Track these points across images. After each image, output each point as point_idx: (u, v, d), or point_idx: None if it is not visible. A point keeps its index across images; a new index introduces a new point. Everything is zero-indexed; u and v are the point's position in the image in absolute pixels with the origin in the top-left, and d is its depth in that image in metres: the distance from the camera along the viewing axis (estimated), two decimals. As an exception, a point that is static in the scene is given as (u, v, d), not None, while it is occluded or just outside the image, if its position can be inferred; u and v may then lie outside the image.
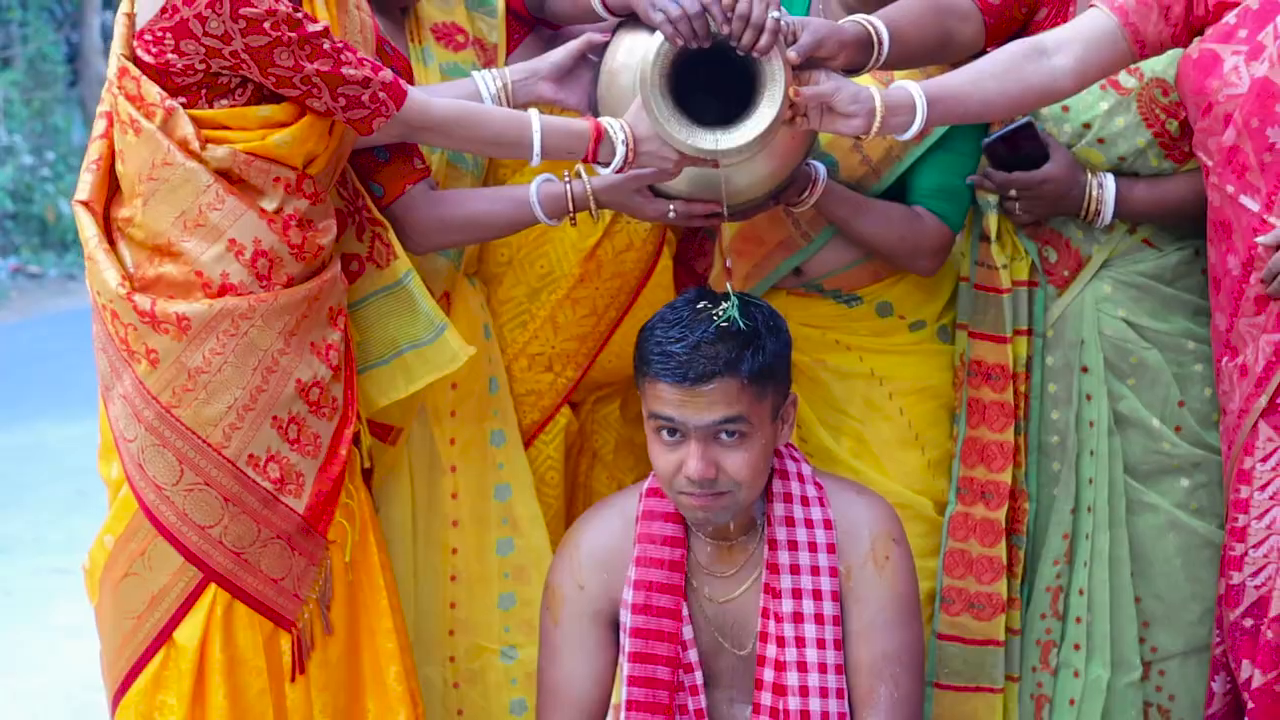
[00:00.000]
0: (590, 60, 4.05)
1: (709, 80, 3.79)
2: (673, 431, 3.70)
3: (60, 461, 9.77)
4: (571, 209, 3.98)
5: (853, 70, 3.85)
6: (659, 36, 3.71)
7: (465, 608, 4.28)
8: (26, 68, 19.32)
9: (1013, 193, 4.19)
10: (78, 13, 20.03)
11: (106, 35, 20.40)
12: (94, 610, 3.81)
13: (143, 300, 3.55)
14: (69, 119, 19.81)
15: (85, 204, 3.66)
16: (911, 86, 3.78)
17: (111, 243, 3.65)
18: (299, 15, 3.47)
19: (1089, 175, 4.18)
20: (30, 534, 8.48)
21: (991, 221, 4.25)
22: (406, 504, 4.23)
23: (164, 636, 3.65)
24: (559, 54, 4.06)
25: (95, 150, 3.70)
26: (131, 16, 3.59)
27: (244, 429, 3.60)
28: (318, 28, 3.49)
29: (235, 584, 3.64)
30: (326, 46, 3.50)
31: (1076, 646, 4.28)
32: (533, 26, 4.31)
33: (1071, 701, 4.29)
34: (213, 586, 3.64)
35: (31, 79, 19.36)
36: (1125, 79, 4.14)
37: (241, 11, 3.40)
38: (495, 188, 4.20)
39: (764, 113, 3.71)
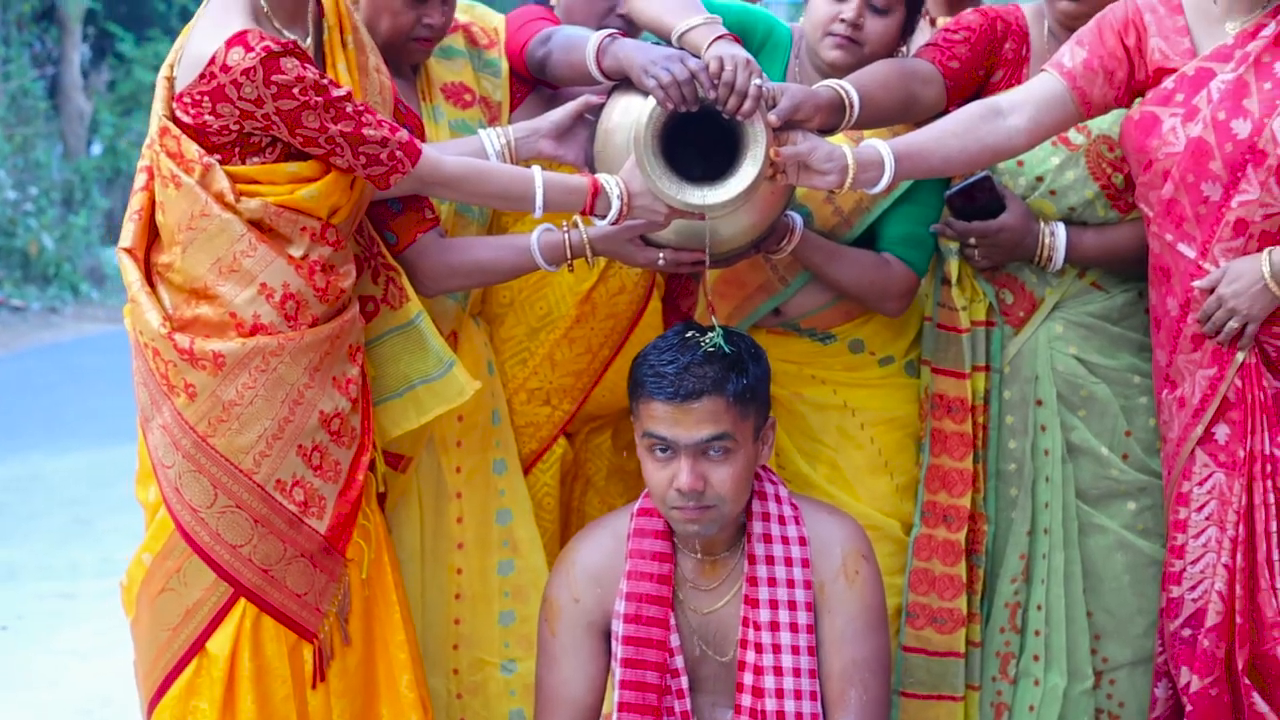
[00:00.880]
0: (587, 120, 4.18)
1: (696, 138, 3.96)
2: (665, 449, 3.89)
3: (57, 492, 9.82)
4: (569, 256, 4.10)
5: (827, 131, 4.03)
6: (652, 100, 3.90)
7: (468, 624, 4.40)
8: (8, 103, 19.25)
9: (972, 240, 4.36)
10: (58, 49, 20.04)
11: (85, 71, 20.40)
12: (130, 623, 3.96)
13: (182, 339, 3.73)
14: (49, 154, 19.76)
15: (129, 251, 3.86)
16: (880, 145, 3.97)
17: (151, 286, 3.84)
18: (325, 81, 3.66)
19: (1042, 224, 4.35)
20: (34, 562, 8.53)
21: (953, 266, 4.40)
22: (416, 527, 4.35)
23: (197, 647, 3.82)
24: (558, 114, 4.18)
25: (136, 201, 3.89)
26: (171, 80, 3.79)
27: (272, 456, 3.78)
28: (341, 92, 3.69)
29: (263, 598, 3.81)
30: (349, 109, 3.69)
31: (1036, 657, 4.44)
32: (534, 86, 4.43)
33: (1031, 708, 4.45)
34: (242, 601, 3.81)
35: (13, 114, 19.29)
36: (1074, 136, 4.31)
37: (273, 78, 3.60)
38: (499, 236, 4.33)
39: (747, 171, 3.89)
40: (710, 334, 3.96)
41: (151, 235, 3.90)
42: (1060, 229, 4.35)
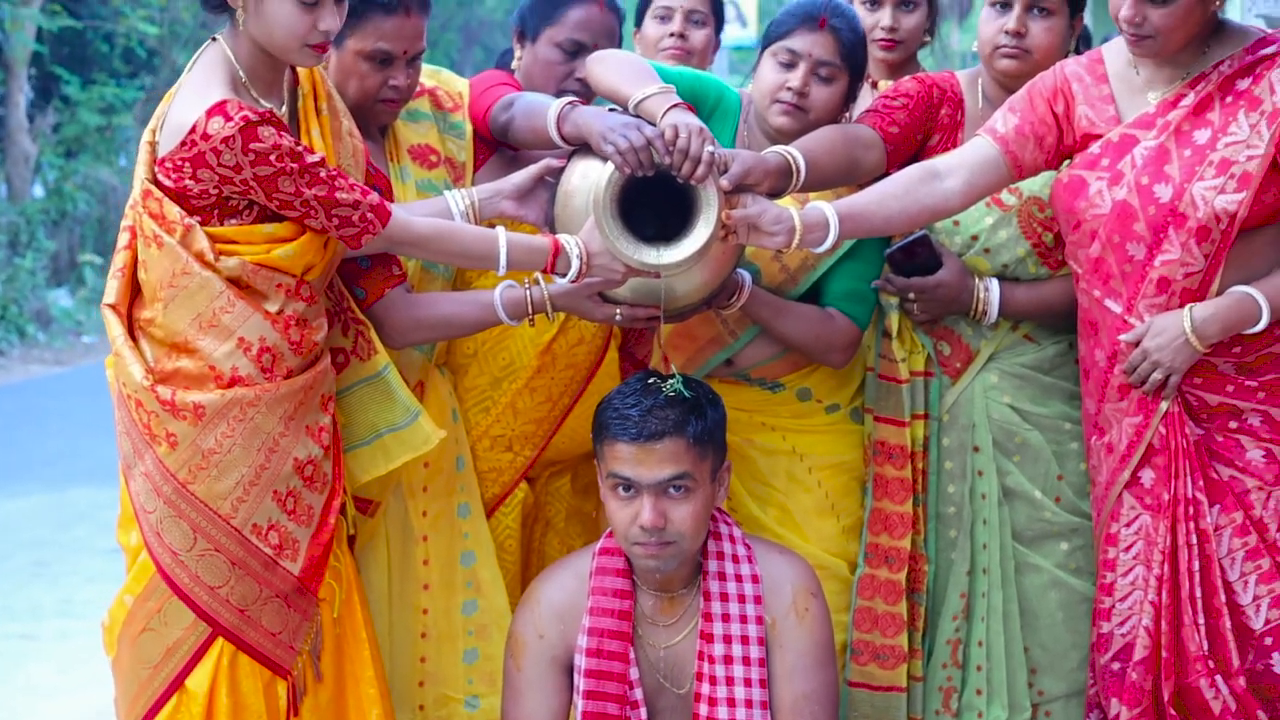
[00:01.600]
0: (547, 182, 4.28)
1: (651, 200, 4.07)
2: (628, 488, 4.04)
3: (15, 534, 9.74)
4: (531, 312, 4.19)
5: (775, 194, 4.14)
6: (610, 166, 4.00)
7: (434, 662, 4.48)
8: (-47, 145, 19.32)
9: (911, 295, 4.47)
10: (3, 91, 19.95)
11: (30, 114, 20.28)
12: (111, 661, 4.03)
13: (164, 391, 3.83)
14: (-7, 197, 19.76)
15: (113, 307, 3.94)
16: (825, 207, 4.09)
17: (134, 340, 3.92)
18: (299, 148, 3.78)
19: (977, 280, 4.46)
20: (-5, 603, 8.50)
21: (893, 320, 4.51)
22: (384, 569, 4.43)
23: (177, 684, 3.91)
24: (520, 176, 4.28)
25: (120, 260, 3.97)
26: (154, 144, 3.90)
27: (249, 501, 3.88)
28: (315, 158, 3.80)
29: (240, 637, 3.91)
30: (323, 174, 3.80)
31: (979, 692, 4.56)
32: (496, 148, 4.53)
33: (974, 740, 4.56)
34: (220, 640, 3.90)
35: (-42, 157, 19.34)
36: (1007, 197, 4.44)
37: (251, 146, 3.71)
38: (464, 292, 4.41)
39: (700, 232, 4.01)
40: (671, 380, 4.09)
41: (134, 291, 3.98)
42: (994, 284, 4.46)
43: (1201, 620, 4.15)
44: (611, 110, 4.23)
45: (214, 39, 3.95)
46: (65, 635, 7.75)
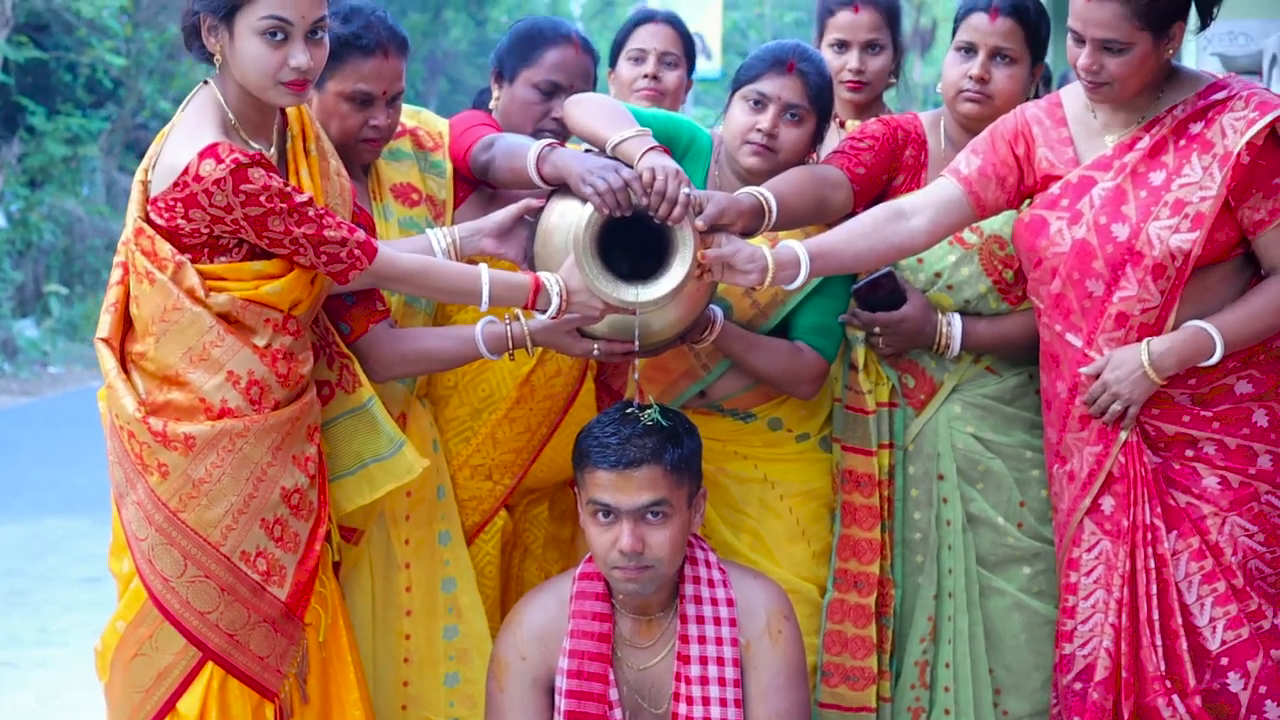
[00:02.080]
0: (526, 220, 4.34)
1: (627, 238, 4.14)
2: (608, 513, 4.14)
3: None
4: (511, 347, 4.26)
5: (748, 233, 4.22)
6: (589, 206, 4.07)
7: (416, 686, 4.54)
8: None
9: (877, 329, 4.58)
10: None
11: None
12: (104, 686, 4.09)
13: (156, 422, 3.89)
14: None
15: (105, 341, 4.01)
16: (796, 246, 4.17)
17: (126, 372, 3.99)
18: (288, 189, 3.84)
19: (940, 315, 4.57)
20: (-30, 633, 8.49)
21: (859, 353, 4.61)
22: (367, 596, 4.48)
23: (168, 707, 3.98)
24: (500, 215, 4.35)
25: (112, 295, 4.04)
26: (145, 184, 3.96)
27: (238, 529, 3.94)
28: (303, 198, 3.87)
29: (229, 661, 3.97)
30: (311, 213, 3.87)
31: (947, 711, 4.66)
32: (475, 186, 4.61)
33: (942, 759, 4.64)
34: (210, 664, 3.96)
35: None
36: (968, 236, 4.54)
37: (241, 187, 3.78)
38: (446, 327, 4.47)
39: (676, 271, 4.09)
40: (648, 410, 4.19)
41: (125, 326, 4.04)
42: (956, 319, 4.57)
43: (1159, 642, 4.23)
44: (588, 151, 4.30)
45: (205, 82, 4.03)
46: (44, 664, 7.77)
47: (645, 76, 5.48)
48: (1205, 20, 4.20)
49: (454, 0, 30.80)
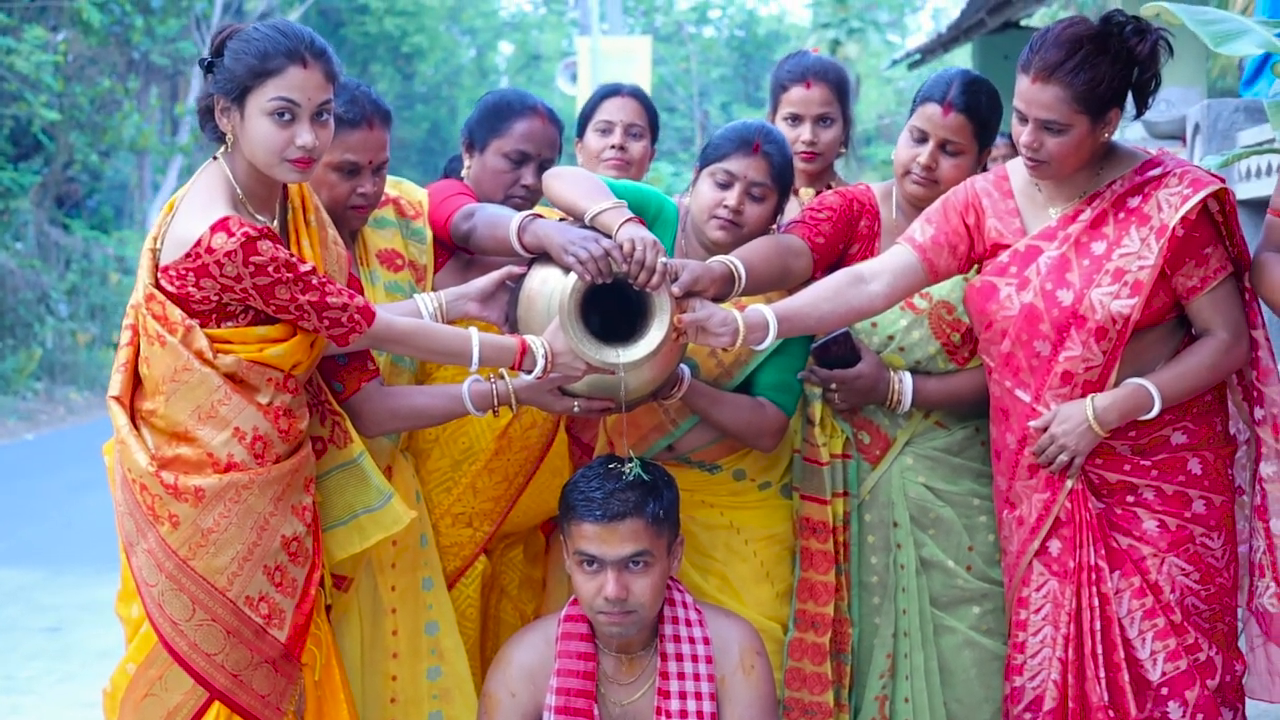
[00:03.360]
0: (508, 286, 4.50)
1: (602, 302, 4.31)
2: (592, 563, 4.33)
3: None
4: (496, 404, 4.41)
5: (718, 299, 4.39)
6: (572, 275, 4.22)
7: None
8: None
9: (833, 386, 4.74)
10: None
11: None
12: None
13: (168, 475, 4.04)
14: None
15: (117, 399, 4.15)
16: (765, 310, 4.34)
17: (135, 427, 4.13)
18: (293, 259, 4.00)
19: (891, 373, 4.74)
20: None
21: (816, 408, 4.78)
22: (356, 639, 4.60)
23: None
24: (484, 281, 4.51)
25: (122, 356, 4.18)
26: (155, 252, 4.11)
27: (243, 575, 4.08)
28: (307, 268, 4.03)
29: (234, 700, 4.11)
30: (315, 282, 4.03)
31: None
32: (453, 252, 4.77)
33: (902, 790, 4.79)
34: (216, 703, 4.11)
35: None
36: (919, 302, 4.72)
37: (251, 259, 3.94)
38: (434, 386, 4.60)
39: (654, 335, 4.27)
40: (631, 465, 4.38)
41: (134, 385, 4.18)
42: (907, 377, 4.75)
43: (1103, 674, 4.42)
44: (562, 220, 4.46)
45: (214, 158, 4.19)
46: (16, 710, 7.82)
47: (612, 147, 5.67)
48: (1140, 108, 4.39)
49: (381, 54, 30.90)
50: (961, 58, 24.57)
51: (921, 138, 4.74)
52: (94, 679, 8.25)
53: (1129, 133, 9.37)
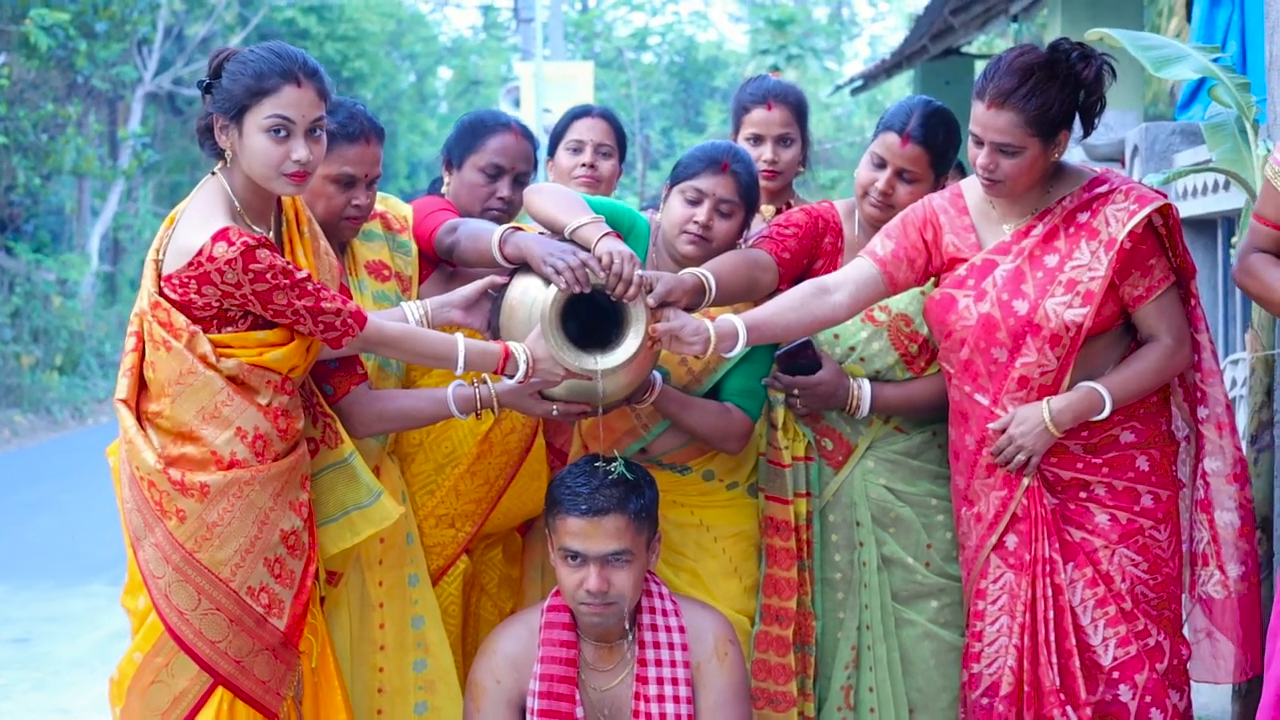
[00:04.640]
0: (490, 294, 4.63)
1: (578, 310, 4.47)
2: (575, 557, 4.48)
3: None
4: (479, 407, 4.55)
5: (690, 309, 4.55)
6: (553, 285, 4.37)
7: (389, 714, 4.80)
8: None
9: (795, 391, 4.89)
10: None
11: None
12: (119, 712, 4.34)
13: (175, 473, 4.19)
14: None
15: (124, 401, 4.29)
16: (735, 319, 4.50)
17: (141, 428, 4.28)
18: (290, 267, 4.16)
19: (851, 380, 4.90)
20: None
21: (779, 413, 4.92)
22: (345, 632, 4.74)
23: None
24: (467, 290, 4.64)
25: (127, 361, 4.31)
26: (158, 263, 4.26)
27: (245, 567, 4.24)
28: (303, 275, 4.18)
29: (236, 685, 4.27)
30: (310, 288, 4.19)
31: None
32: (436, 264, 4.92)
33: (866, 774, 4.94)
34: (220, 688, 4.26)
35: None
36: (878, 314, 4.88)
37: (250, 266, 4.10)
38: (419, 389, 4.74)
39: (630, 343, 4.43)
40: (614, 463, 4.54)
41: (140, 387, 4.32)
42: (865, 384, 4.91)
43: (1055, 660, 4.58)
44: (541, 234, 4.61)
45: (213, 173, 4.34)
46: None
47: (583, 165, 5.85)
48: (1087, 129, 4.60)
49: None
50: (902, 84, 24.89)
51: (880, 164, 4.90)
52: (66, 686, 8.42)
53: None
